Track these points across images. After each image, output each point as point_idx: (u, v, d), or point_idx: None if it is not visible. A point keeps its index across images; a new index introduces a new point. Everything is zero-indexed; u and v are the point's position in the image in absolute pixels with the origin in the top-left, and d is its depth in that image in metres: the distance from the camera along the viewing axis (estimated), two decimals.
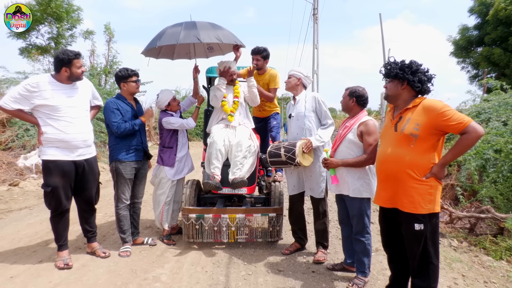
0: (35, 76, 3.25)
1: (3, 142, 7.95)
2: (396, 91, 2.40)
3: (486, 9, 14.32)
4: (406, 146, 2.29)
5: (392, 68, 2.39)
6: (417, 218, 2.26)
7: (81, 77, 3.22)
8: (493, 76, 14.14)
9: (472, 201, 4.81)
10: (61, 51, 3.12)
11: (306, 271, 3.23)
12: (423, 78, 2.31)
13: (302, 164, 3.23)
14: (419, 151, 2.25)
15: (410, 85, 2.33)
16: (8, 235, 4.10)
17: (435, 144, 2.26)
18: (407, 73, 2.32)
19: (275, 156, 3.35)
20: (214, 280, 3.05)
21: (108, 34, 15.55)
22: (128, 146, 3.53)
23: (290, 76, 3.56)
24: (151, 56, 4.11)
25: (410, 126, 2.26)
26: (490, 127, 5.42)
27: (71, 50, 3.15)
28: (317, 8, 16.96)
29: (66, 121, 3.10)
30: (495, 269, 3.33)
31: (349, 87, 3.11)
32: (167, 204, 3.89)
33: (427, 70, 2.35)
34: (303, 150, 3.24)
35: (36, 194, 6.29)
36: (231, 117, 3.86)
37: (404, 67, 2.34)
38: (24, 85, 3.01)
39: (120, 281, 2.98)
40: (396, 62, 2.41)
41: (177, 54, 4.36)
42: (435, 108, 2.20)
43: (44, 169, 3.16)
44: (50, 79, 3.10)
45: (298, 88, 3.54)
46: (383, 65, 2.48)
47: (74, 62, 3.09)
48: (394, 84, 2.40)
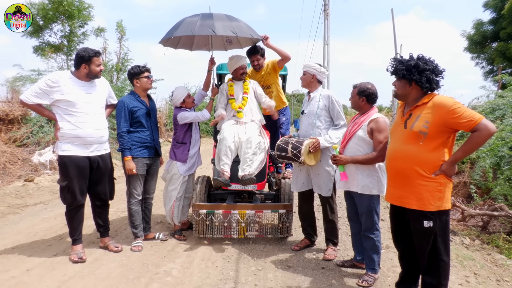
0: (56, 72, 3.37)
1: (18, 138, 8.13)
2: (404, 91, 2.37)
3: (502, 3, 13.99)
4: (415, 144, 2.26)
5: (399, 68, 2.34)
6: (426, 215, 2.24)
7: (99, 75, 3.32)
8: (508, 71, 13.83)
9: (485, 199, 4.74)
10: (82, 49, 3.24)
11: (316, 268, 3.24)
12: (431, 77, 2.25)
13: (307, 163, 3.23)
14: (428, 149, 2.23)
15: (418, 84, 2.29)
16: (24, 229, 4.21)
17: (445, 142, 2.23)
18: (414, 74, 2.26)
19: (282, 150, 3.35)
20: (224, 275, 3.08)
21: (120, 32, 15.69)
22: (140, 143, 3.58)
23: (304, 73, 3.49)
24: (170, 46, 4.15)
25: (420, 124, 2.23)
26: (504, 123, 5.31)
27: (92, 48, 3.26)
28: (327, 4, 16.79)
29: (83, 117, 3.19)
30: (508, 268, 3.29)
31: (356, 84, 3.03)
32: (178, 199, 3.93)
33: (436, 66, 2.28)
34: (310, 149, 3.22)
35: (51, 189, 6.43)
36: (240, 113, 3.88)
37: (411, 67, 2.28)
38: (45, 80, 3.15)
39: (132, 275, 3.04)
40: (402, 61, 2.35)
41: (196, 45, 4.38)
42: (446, 105, 2.16)
43: (60, 165, 3.25)
44: (70, 75, 3.23)
45: (313, 84, 3.47)
46: (389, 62, 2.43)
47: (93, 59, 3.21)
48: (402, 83, 2.36)
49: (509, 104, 5.92)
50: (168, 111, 16.86)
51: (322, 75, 3.48)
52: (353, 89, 3.03)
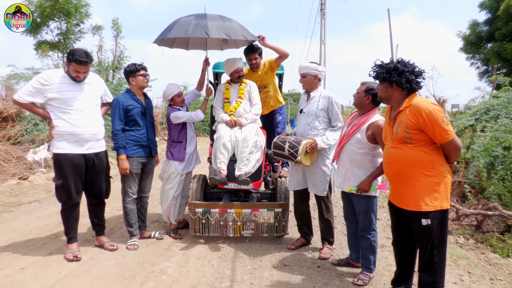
0: (48, 70, 3.35)
1: (12, 136, 8.06)
2: (386, 93, 2.43)
3: (497, 4, 14.10)
4: (404, 146, 2.31)
5: (379, 72, 2.40)
6: (424, 214, 2.27)
7: (78, 80, 3.21)
8: (503, 72, 13.94)
9: (479, 198, 4.77)
10: (71, 50, 3.20)
11: (312, 266, 3.25)
12: (410, 77, 2.30)
13: (303, 163, 3.23)
14: (418, 149, 2.27)
15: (399, 85, 2.34)
16: (18, 228, 4.18)
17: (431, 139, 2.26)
18: (394, 75, 2.32)
19: (279, 148, 3.35)
20: (220, 273, 3.08)
21: (116, 30, 15.58)
22: (135, 142, 3.56)
23: (305, 75, 3.41)
24: (165, 45, 4.13)
25: (402, 130, 2.29)
26: (499, 124, 5.35)
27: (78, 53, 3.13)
28: (324, 3, 16.83)
29: (77, 114, 3.18)
30: (501, 267, 3.32)
31: (365, 82, 2.97)
32: (175, 198, 3.92)
33: (414, 68, 2.35)
34: (307, 150, 3.23)
35: (45, 187, 6.39)
36: (232, 116, 3.89)
37: (391, 69, 2.34)
38: (38, 78, 3.13)
39: (128, 273, 3.03)
40: (382, 65, 2.42)
41: (192, 45, 4.37)
42: (421, 109, 2.20)
43: (55, 163, 3.24)
44: (62, 74, 3.21)
45: (315, 84, 3.44)
46: (371, 68, 2.49)
47: (72, 64, 3.12)
48: (384, 86, 2.42)
49: (503, 105, 5.97)
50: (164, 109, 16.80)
51: (322, 74, 3.45)
52: (361, 85, 2.98)
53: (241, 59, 4.01)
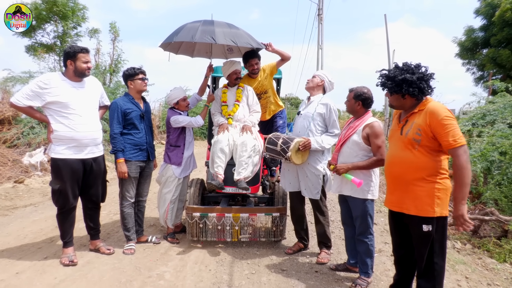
0: (47, 73, 3.32)
1: (8, 139, 8.02)
2: (399, 103, 2.38)
3: (492, 10, 14.24)
4: (411, 149, 2.28)
5: (388, 85, 2.34)
6: (425, 220, 2.26)
7: (87, 73, 3.23)
8: (499, 78, 14.06)
9: (476, 203, 4.80)
10: (68, 46, 3.21)
11: (309, 271, 3.24)
12: (422, 85, 2.25)
13: (292, 160, 3.22)
14: (424, 154, 2.24)
15: (411, 96, 2.29)
16: (13, 232, 4.14)
17: (440, 147, 2.23)
18: (404, 87, 2.26)
19: (272, 143, 3.37)
20: (218, 278, 3.07)
21: (114, 33, 15.60)
22: (133, 145, 3.55)
23: (315, 76, 3.50)
24: (171, 51, 4.13)
25: (413, 131, 2.25)
26: (495, 129, 5.39)
27: (78, 45, 3.21)
28: (321, 9, 16.94)
29: (76, 118, 3.15)
30: (498, 272, 3.33)
31: (352, 88, 3.04)
32: (172, 202, 3.90)
33: (424, 73, 2.28)
34: (299, 147, 3.23)
35: (41, 191, 6.34)
36: (230, 120, 3.89)
37: (400, 82, 2.27)
38: (37, 82, 3.09)
39: (124, 278, 3.01)
40: (389, 75, 2.34)
41: (197, 52, 4.38)
42: (438, 114, 2.16)
43: (53, 167, 3.19)
44: (61, 77, 3.18)
45: (317, 89, 3.47)
46: (378, 77, 2.42)
47: (79, 56, 3.14)
48: (395, 97, 2.37)
49: (499, 110, 6.02)
50: (161, 113, 16.78)
51: (330, 85, 3.52)
52: (349, 93, 3.04)
53: (239, 62, 4.02)
